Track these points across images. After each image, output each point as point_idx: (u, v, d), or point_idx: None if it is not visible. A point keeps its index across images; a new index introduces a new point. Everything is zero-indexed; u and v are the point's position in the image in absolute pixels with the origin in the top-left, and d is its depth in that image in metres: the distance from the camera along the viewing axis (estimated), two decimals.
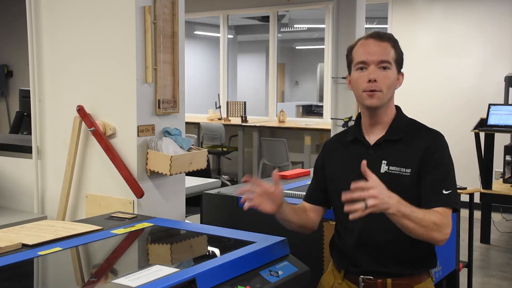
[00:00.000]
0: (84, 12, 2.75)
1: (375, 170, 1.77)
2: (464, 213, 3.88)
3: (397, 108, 1.99)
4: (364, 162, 1.66)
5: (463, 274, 3.81)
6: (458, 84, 7.24)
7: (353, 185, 1.61)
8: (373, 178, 1.63)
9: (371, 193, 1.59)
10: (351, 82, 1.93)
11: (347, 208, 1.60)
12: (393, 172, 1.86)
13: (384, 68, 1.86)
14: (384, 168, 1.87)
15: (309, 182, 2.17)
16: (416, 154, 1.85)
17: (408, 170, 1.85)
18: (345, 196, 1.62)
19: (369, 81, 1.85)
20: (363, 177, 1.66)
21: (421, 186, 1.83)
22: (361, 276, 1.92)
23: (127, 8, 2.56)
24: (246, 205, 1.82)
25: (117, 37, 2.62)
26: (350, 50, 1.94)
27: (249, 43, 14.04)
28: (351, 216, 1.60)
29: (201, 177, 3.67)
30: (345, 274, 1.98)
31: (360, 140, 1.96)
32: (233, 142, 8.44)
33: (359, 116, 2.00)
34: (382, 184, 1.64)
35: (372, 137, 1.95)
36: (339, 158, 2.01)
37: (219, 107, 8.87)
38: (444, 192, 1.80)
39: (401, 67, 1.93)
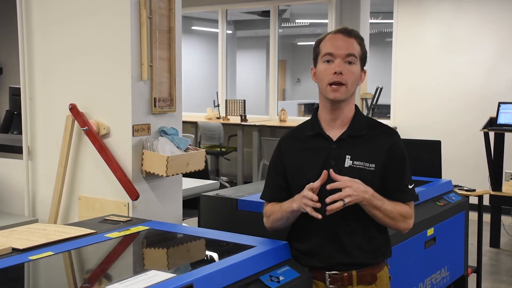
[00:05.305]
0: (76, 7, 2.74)
1: (340, 164, 1.98)
2: (473, 216, 3.86)
3: (356, 106, 2.10)
4: (328, 172, 1.88)
5: (471, 280, 3.80)
6: (467, 81, 7.14)
7: (329, 186, 1.86)
8: (343, 179, 1.87)
9: (347, 193, 1.86)
10: (317, 74, 2.03)
11: (329, 208, 1.84)
12: (357, 166, 1.99)
13: (350, 62, 1.97)
14: (348, 162, 1.98)
15: None
16: (380, 150, 2.00)
17: (373, 165, 1.99)
18: (328, 199, 1.85)
19: (335, 73, 1.95)
20: (327, 169, 1.91)
21: (387, 181, 2.00)
22: (327, 272, 2.00)
23: (121, 3, 2.57)
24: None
25: (111, 33, 2.62)
26: (318, 43, 2.04)
27: (249, 39, 14.07)
28: (328, 211, 1.85)
29: (198, 179, 3.67)
30: (310, 271, 2.02)
31: (321, 135, 2.04)
32: (232, 142, 8.40)
33: (316, 111, 2.10)
34: (357, 180, 1.89)
35: (332, 132, 2.04)
36: (299, 153, 2.07)
37: (218, 105, 8.84)
38: (409, 187, 2.04)
39: (364, 65, 2.05)
